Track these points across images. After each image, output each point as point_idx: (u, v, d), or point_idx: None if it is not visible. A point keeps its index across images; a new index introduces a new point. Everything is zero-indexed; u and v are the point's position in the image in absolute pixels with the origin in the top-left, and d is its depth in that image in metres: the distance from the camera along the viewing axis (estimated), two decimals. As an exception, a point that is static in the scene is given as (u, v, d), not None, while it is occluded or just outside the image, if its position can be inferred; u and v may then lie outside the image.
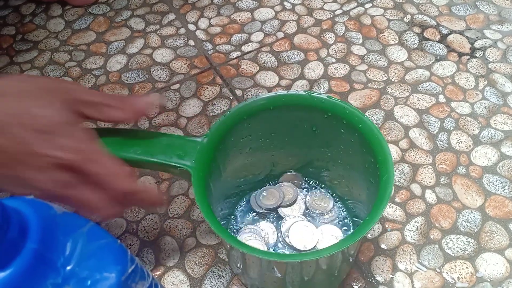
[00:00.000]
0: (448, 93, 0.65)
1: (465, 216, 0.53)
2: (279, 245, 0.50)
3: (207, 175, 0.42)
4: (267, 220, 0.52)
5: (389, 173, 0.39)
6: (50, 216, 0.24)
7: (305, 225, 0.49)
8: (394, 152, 0.59)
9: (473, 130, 0.61)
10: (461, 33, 0.72)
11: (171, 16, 0.77)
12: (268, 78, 0.68)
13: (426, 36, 0.72)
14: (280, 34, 0.74)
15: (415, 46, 0.71)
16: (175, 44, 0.73)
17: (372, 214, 0.38)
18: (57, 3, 0.80)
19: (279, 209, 0.52)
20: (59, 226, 0.24)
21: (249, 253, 0.37)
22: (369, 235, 0.52)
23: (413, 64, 0.69)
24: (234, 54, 0.71)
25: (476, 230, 0.52)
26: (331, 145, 0.48)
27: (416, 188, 0.56)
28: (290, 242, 0.48)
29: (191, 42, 0.73)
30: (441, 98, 0.64)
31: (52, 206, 0.25)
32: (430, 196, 0.55)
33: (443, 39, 0.72)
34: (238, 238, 0.48)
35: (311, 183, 0.54)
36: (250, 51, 0.71)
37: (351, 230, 0.50)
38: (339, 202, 0.52)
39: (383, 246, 0.52)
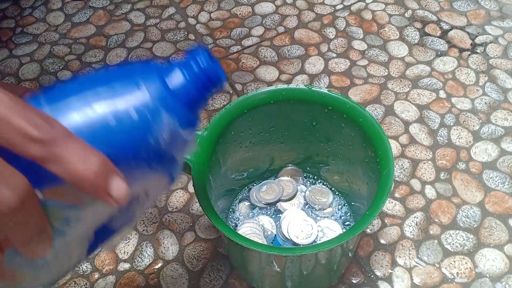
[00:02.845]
0: (448, 88, 0.65)
1: (465, 212, 0.53)
2: (278, 239, 0.50)
3: (207, 168, 0.41)
4: (266, 214, 0.51)
5: (389, 168, 0.39)
6: None
7: (304, 219, 0.49)
8: (394, 147, 0.59)
9: (474, 126, 0.61)
10: (462, 28, 0.72)
11: (171, 10, 0.77)
12: (268, 73, 0.68)
13: (427, 32, 0.72)
14: (281, 29, 0.73)
15: (416, 41, 0.71)
16: (175, 38, 0.73)
17: (371, 208, 0.38)
18: (57, -4, 0.80)
19: (278, 204, 0.52)
20: None
21: (248, 247, 0.37)
22: (368, 230, 0.52)
23: (414, 60, 0.68)
24: (234, 49, 0.71)
25: (476, 225, 0.52)
26: (331, 139, 0.47)
27: (415, 184, 0.56)
28: (289, 236, 0.48)
29: (191, 36, 0.73)
30: (442, 94, 0.64)
31: None
32: (429, 191, 0.55)
33: (444, 34, 0.71)
34: (237, 232, 0.48)
35: (310, 177, 0.53)
36: (251, 46, 0.71)
37: (351, 225, 0.50)
38: (338, 197, 0.52)
39: (382, 241, 0.52)
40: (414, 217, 0.53)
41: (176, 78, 0.25)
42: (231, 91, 0.66)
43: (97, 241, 0.27)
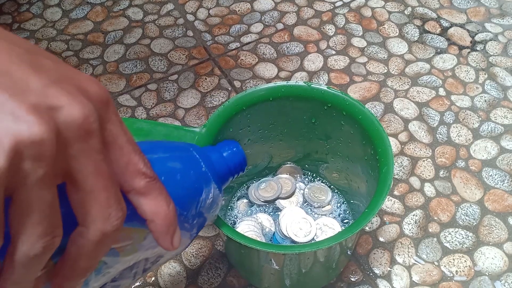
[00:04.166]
0: (448, 86, 0.64)
1: (464, 210, 0.53)
2: (277, 237, 0.49)
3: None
4: (265, 212, 0.51)
5: (388, 165, 0.39)
6: None
7: (303, 217, 0.49)
8: (393, 145, 0.59)
9: (473, 123, 0.60)
10: (462, 26, 0.72)
11: (170, 6, 0.77)
12: (267, 70, 0.67)
13: (427, 29, 0.72)
14: (280, 26, 0.73)
15: (416, 38, 0.70)
16: (174, 34, 0.73)
17: (371, 206, 0.38)
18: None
19: (277, 201, 0.51)
20: None
21: (246, 244, 0.36)
22: (367, 228, 0.52)
23: (413, 57, 0.68)
24: (233, 45, 0.70)
25: (475, 223, 0.52)
26: (331, 137, 0.47)
27: (415, 181, 0.56)
28: (287, 234, 0.48)
29: (190, 33, 0.73)
30: (441, 91, 0.64)
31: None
32: (429, 189, 0.55)
33: (443, 32, 0.71)
34: (236, 230, 0.48)
35: (309, 175, 0.53)
36: (249, 42, 0.71)
37: (350, 223, 0.50)
38: (337, 195, 0.52)
39: (381, 239, 0.51)
40: (413, 215, 0.53)
41: (218, 157, 0.34)
42: (229, 88, 0.65)
43: None
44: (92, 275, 0.25)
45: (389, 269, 0.49)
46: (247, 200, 0.52)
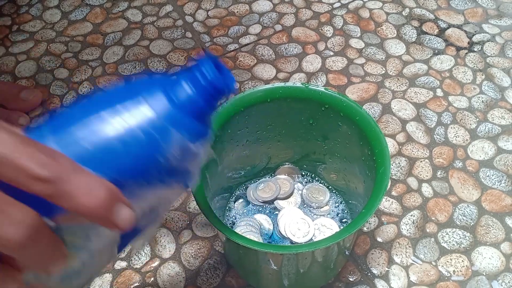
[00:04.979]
0: (445, 87, 0.65)
1: (461, 210, 0.54)
2: (275, 237, 0.50)
3: (204, 167, 0.41)
4: (263, 213, 0.51)
5: (385, 166, 0.39)
6: None
7: (301, 217, 0.49)
8: (391, 145, 0.59)
9: (470, 124, 0.61)
10: (459, 27, 0.72)
11: (169, 8, 0.77)
12: (266, 71, 0.68)
13: (425, 30, 0.72)
14: (278, 27, 0.73)
15: (413, 39, 0.71)
16: (172, 36, 0.73)
17: (368, 206, 0.38)
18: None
19: (275, 202, 0.52)
20: None
21: (245, 245, 0.36)
22: (365, 228, 0.52)
23: (411, 58, 0.68)
24: (232, 47, 0.71)
25: (472, 223, 0.52)
26: (328, 137, 0.47)
27: (412, 182, 0.56)
28: (286, 235, 0.48)
29: (189, 34, 0.73)
30: (439, 92, 0.64)
31: None
32: (426, 189, 0.55)
33: (441, 33, 0.72)
34: (234, 230, 0.48)
35: (307, 175, 0.53)
36: (248, 44, 0.71)
37: (348, 223, 0.50)
38: (335, 195, 0.52)
39: (379, 239, 0.52)
40: (411, 215, 0.53)
41: (183, 92, 0.24)
42: (228, 89, 0.66)
43: (125, 241, 0.26)
44: (85, 243, 0.24)
45: (386, 269, 0.50)
46: (245, 201, 0.52)
